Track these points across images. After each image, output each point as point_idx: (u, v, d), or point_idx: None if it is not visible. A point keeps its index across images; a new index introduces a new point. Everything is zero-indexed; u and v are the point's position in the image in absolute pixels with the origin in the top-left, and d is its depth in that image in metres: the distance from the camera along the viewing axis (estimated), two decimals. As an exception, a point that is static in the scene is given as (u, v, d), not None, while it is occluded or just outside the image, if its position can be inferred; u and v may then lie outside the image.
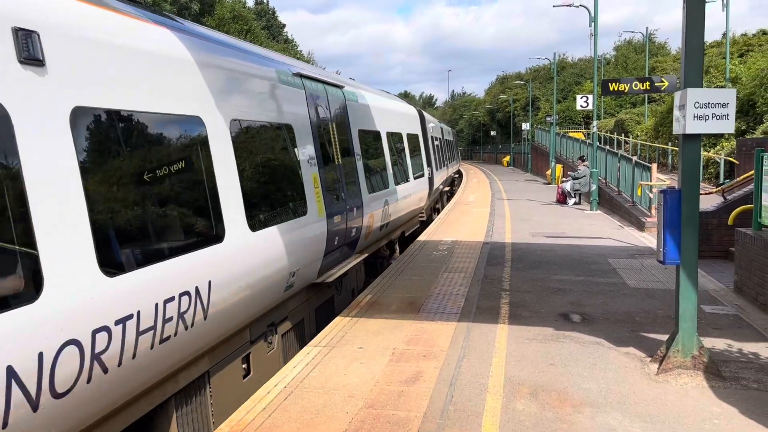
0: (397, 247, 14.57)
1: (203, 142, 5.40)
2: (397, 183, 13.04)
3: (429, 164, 18.46)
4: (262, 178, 6.58)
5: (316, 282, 8.29)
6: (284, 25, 65.97)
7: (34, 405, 3.44)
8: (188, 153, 5.25)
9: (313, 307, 8.52)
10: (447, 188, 28.14)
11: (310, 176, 7.80)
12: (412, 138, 16.25)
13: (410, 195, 14.43)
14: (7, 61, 3.53)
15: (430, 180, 18.18)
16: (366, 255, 10.86)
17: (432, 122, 22.85)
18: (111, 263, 4.08)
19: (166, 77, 4.96)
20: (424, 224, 17.83)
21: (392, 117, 14.03)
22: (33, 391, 3.41)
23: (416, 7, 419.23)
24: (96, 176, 4.07)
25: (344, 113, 9.87)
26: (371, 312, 8.16)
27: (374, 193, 10.89)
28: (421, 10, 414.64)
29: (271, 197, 6.76)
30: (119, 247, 4.26)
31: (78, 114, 3.98)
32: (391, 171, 12.64)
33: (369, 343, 6.89)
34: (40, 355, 3.44)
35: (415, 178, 15.34)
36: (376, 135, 12.09)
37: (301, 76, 8.29)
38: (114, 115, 4.31)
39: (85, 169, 3.96)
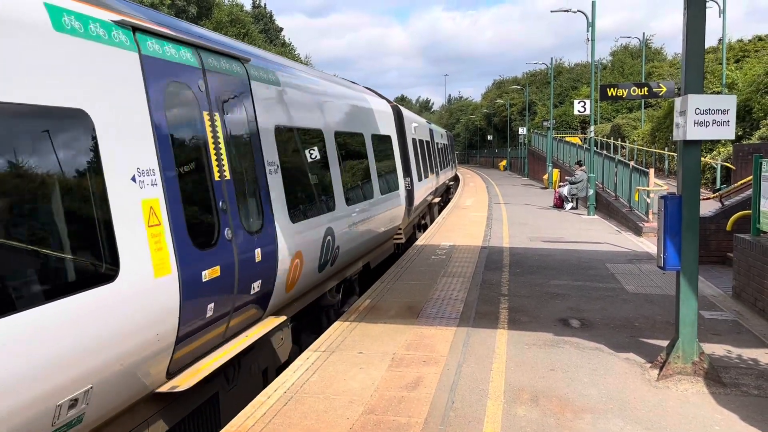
0: (357, 286, 10.94)
1: None
2: (352, 202, 9.64)
3: (408, 173, 14.89)
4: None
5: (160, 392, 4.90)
6: (281, 29, 66.06)
7: None
8: None
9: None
10: (438, 198, 24.56)
11: (134, 206, 4.44)
12: (382, 140, 12.67)
13: (376, 216, 11.10)
14: None
15: (410, 193, 14.57)
16: (290, 314, 7.54)
17: (415, 122, 19.24)
18: None
19: None
20: (403, 246, 14.88)
21: (346, 112, 10.37)
22: None
23: (414, 11, 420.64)
24: None
25: (245, 100, 6.40)
26: (370, 317, 8.14)
27: (306, 220, 7.52)
28: (419, 15, 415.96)
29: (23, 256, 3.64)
30: None
31: None
32: (340, 185, 9.09)
33: (368, 348, 6.87)
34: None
35: (384, 194, 11.92)
36: (315, 134, 8.48)
37: (136, 29, 4.78)
38: None
39: None
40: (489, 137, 77.32)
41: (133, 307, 4.32)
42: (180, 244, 4.86)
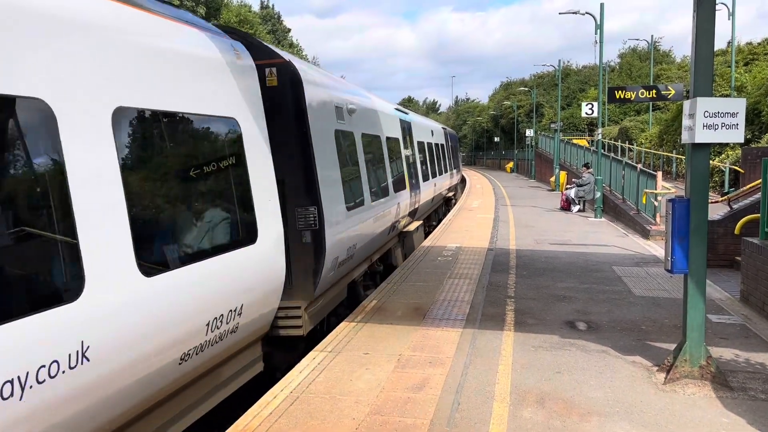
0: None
1: None
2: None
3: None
4: None
5: None
6: (289, 30, 66.19)
7: None
8: None
9: None
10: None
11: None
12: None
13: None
14: None
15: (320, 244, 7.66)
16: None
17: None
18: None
19: None
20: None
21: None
22: None
23: (422, 12, 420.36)
24: None
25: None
26: (376, 317, 8.15)
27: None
28: (428, 16, 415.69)
29: None
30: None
31: None
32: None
33: (374, 349, 6.88)
34: None
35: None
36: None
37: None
38: None
39: None
40: (496, 139, 77.19)
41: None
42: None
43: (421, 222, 16.23)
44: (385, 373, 6.14)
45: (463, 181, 42.87)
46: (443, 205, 24.53)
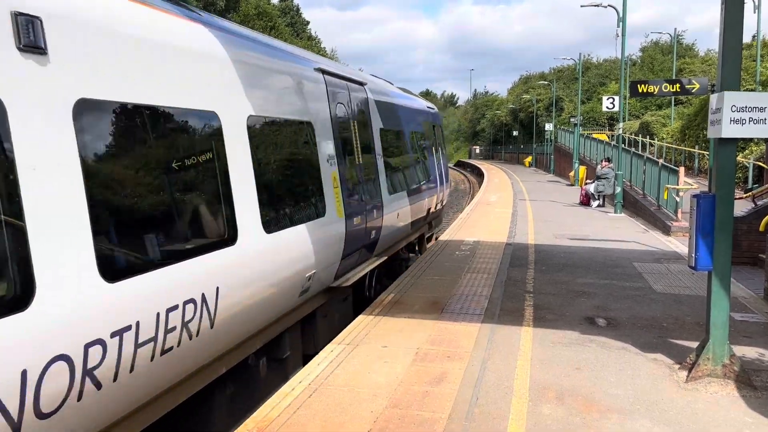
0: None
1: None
2: None
3: None
4: None
5: None
6: (308, 22, 66.19)
7: None
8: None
9: None
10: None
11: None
12: None
13: None
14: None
15: None
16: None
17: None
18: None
19: None
20: None
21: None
22: None
23: (444, 4, 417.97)
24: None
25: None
26: (394, 311, 8.14)
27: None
28: (449, 8, 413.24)
29: None
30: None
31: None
32: None
33: (393, 342, 6.87)
34: None
35: None
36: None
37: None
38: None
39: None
40: (514, 133, 76.63)
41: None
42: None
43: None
44: (403, 367, 6.13)
45: (480, 174, 42.54)
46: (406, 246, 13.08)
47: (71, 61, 3.73)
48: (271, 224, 5.89)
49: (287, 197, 6.51)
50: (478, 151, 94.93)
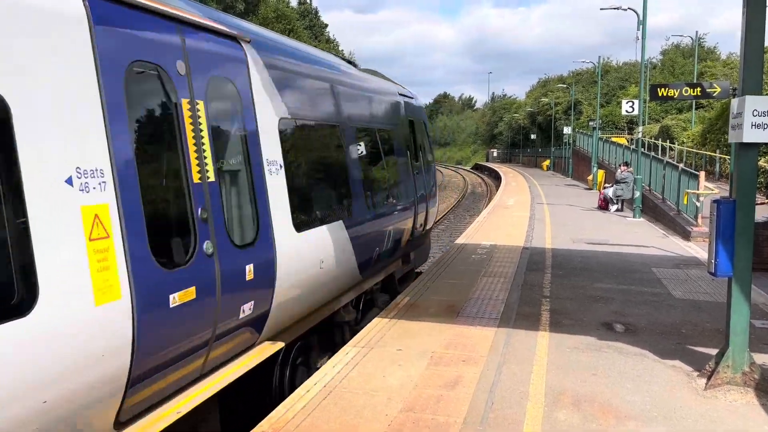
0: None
1: None
2: None
3: None
4: None
5: None
6: (326, 25, 66.52)
7: None
8: None
9: None
10: None
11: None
12: None
13: None
14: None
15: None
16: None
17: None
18: None
19: None
20: None
21: None
22: None
23: (463, 7, 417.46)
24: None
25: None
26: (409, 314, 8.13)
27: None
28: (468, 10, 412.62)
29: None
30: None
31: None
32: None
33: (407, 346, 6.86)
34: None
35: None
36: None
37: None
38: None
39: None
40: (532, 136, 76.24)
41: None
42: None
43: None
44: (417, 370, 6.12)
45: (497, 177, 42.26)
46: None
47: None
48: None
49: None
50: (495, 154, 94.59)
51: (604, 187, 24.20)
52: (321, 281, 6.83)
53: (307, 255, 6.42)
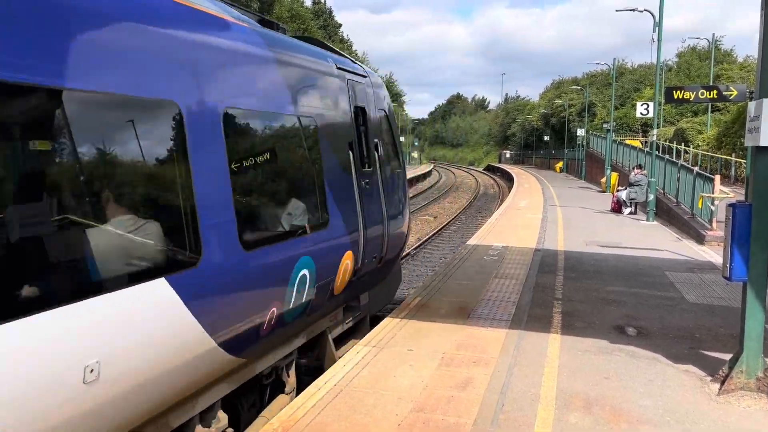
0: None
1: None
2: None
3: None
4: None
5: None
6: (340, 25, 66.65)
7: None
8: None
9: None
10: None
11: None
12: None
13: None
14: None
15: None
16: None
17: None
18: None
19: None
20: None
21: None
22: None
23: (477, 8, 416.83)
24: None
25: None
26: (420, 315, 8.12)
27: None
28: (481, 11, 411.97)
29: None
30: None
31: None
32: None
33: (418, 346, 6.86)
34: None
35: None
36: None
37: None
38: None
39: None
40: (545, 138, 75.90)
41: None
42: None
43: None
44: (428, 371, 6.11)
45: (510, 179, 42.00)
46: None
47: None
48: None
49: None
50: (508, 155, 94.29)
51: (618, 190, 24.04)
52: (89, 407, 3.44)
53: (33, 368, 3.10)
